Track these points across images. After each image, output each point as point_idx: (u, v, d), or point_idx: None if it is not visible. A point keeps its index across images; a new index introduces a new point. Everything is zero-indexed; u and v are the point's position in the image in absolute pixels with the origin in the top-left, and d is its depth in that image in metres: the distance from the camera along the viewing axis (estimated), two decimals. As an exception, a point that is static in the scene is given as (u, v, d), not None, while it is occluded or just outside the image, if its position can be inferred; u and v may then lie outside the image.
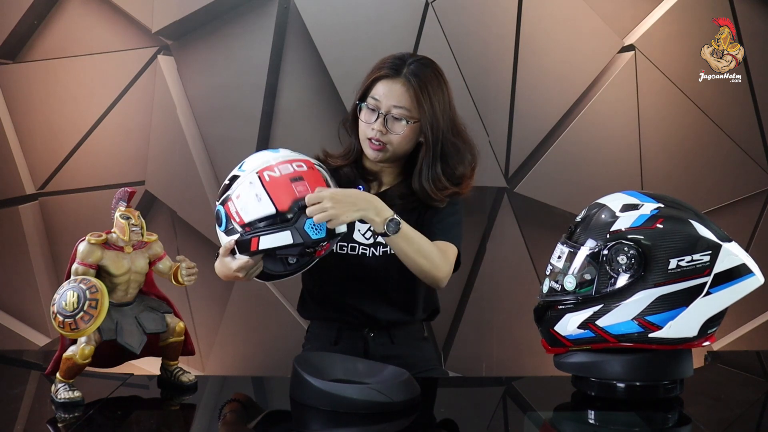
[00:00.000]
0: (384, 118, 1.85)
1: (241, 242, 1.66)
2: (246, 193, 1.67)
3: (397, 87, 1.86)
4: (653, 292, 1.53)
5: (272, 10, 2.91)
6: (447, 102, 1.90)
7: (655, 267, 1.52)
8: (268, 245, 1.63)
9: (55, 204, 2.99)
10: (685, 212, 1.58)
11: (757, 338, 3.13)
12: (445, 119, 1.88)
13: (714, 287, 1.53)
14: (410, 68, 1.87)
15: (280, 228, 1.63)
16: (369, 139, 1.87)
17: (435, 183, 1.88)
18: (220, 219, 1.71)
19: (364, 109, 1.89)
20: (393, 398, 1.49)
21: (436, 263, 1.79)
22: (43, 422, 1.48)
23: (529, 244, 3.02)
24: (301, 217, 1.63)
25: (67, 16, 2.92)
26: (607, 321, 1.56)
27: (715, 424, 1.56)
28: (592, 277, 1.57)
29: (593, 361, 1.60)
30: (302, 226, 1.62)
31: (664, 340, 1.54)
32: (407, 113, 1.85)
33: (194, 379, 1.68)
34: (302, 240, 1.62)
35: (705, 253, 1.53)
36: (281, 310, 2.97)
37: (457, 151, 1.90)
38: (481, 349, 3.04)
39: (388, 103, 1.85)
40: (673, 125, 3.04)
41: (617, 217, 1.58)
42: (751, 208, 3.13)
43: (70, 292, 1.49)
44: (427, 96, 1.85)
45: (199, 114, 2.95)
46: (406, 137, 1.87)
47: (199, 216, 2.95)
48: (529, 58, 2.96)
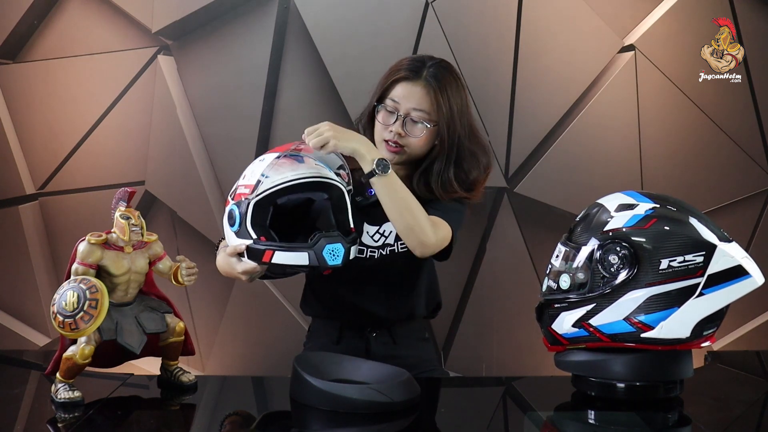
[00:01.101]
0: (403, 121, 1.84)
1: (253, 251, 1.63)
2: (250, 168, 1.68)
3: (417, 89, 1.84)
4: (644, 292, 1.53)
5: (272, 10, 2.91)
6: (465, 106, 1.88)
7: (647, 267, 1.52)
8: (282, 261, 1.61)
9: (55, 204, 2.99)
10: (682, 213, 1.57)
11: (757, 338, 3.13)
12: (463, 123, 1.87)
13: (707, 288, 1.52)
14: (430, 71, 1.85)
15: (299, 248, 1.61)
16: (386, 141, 1.86)
17: (444, 186, 1.87)
18: (233, 218, 1.65)
19: (382, 111, 1.87)
20: (393, 398, 1.49)
21: (422, 224, 1.73)
22: (43, 422, 1.48)
23: (529, 244, 3.03)
24: (320, 241, 1.61)
25: (67, 16, 2.92)
26: (600, 320, 1.56)
27: (715, 424, 1.56)
28: (586, 276, 1.57)
29: (593, 361, 1.60)
30: (320, 251, 1.60)
31: (657, 340, 1.54)
32: (426, 116, 1.84)
33: (194, 379, 1.68)
34: (318, 264, 1.61)
35: (698, 254, 1.52)
36: (281, 310, 2.97)
37: (472, 156, 1.89)
38: (481, 349, 3.04)
39: (408, 105, 1.84)
40: (673, 125, 3.04)
41: (612, 216, 1.58)
42: (751, 208, 3.12)
43: (70, 292, 1.49)
44: (446, 99, 1.84)
45: (199, 114, 2.95)
46: (424, 140, 1.86)
47: (199, 216, 2.95)
48: (529, 58, 2.96)
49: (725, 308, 1.57)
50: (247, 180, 1.65)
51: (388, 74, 1.89)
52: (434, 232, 1.77)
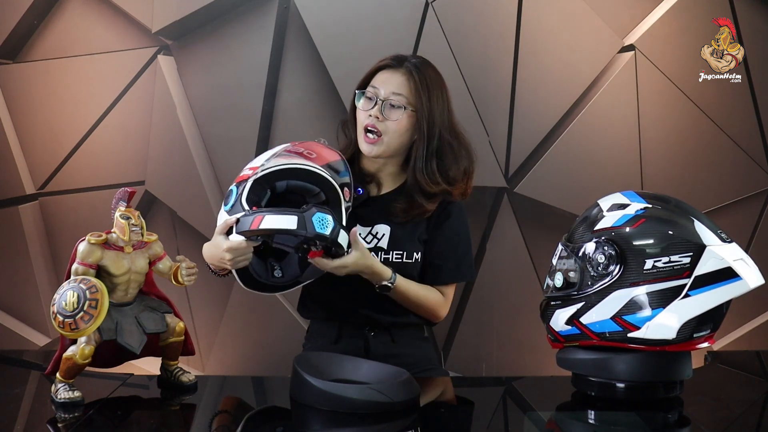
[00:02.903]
0: (381, 105, 1.86)
1: (243, 221, 1.62)
2: (260, 155, 1.73)
3: (397, 76, 1.89)
4: (629, 291, 1.53)
5: (272, 10, 2.91)
6: (445, 102, 1.91)
7: (632, 266, 1.53)
8: (271, 225, 1.60)
9: (55, 204, 2.99)
10: (676, 214, 1.56)
11: (757, 338, 3.13)
12: (443, 117, 1.89)
13: (694, 289, 1.51)
14: (412, 62, 1.91)
15: (288, 212, 1.61)
16: (365, 131, 1.88)
17: (430, 176, 1.89)
18: (229, 198, 1.67)
19: (362, 98, 1.90)
20: (393, 398, 1.49)
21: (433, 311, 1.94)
22: (43, 422, 1.48)
23: (529, 244, 3.02)
24: (312, 209, 1.62)
25: (67, 16, 2.92)
26: (589, 318, 1.57)
27: (715, 424, 1.56)
28: (577, 275, 1.59)
29: (593, 360, 1.60)
30: (310, 217, 1.61)
31: (643, 340, 1.54)
32: (405, 101, 1.87)
33: (194, 379, 1.68)
34: (305, 229, 1.60)
35: (685, 255, 1.51)
36: (281, 310, 2.97)
37: (452, 151, 1.91)
38: (481, 349, 3.04)
39: (388, 89, 1.87)
40: (673, 125, 3.04)
41: (604, 216, 1.60)
42: (751, 208, 3.12)
43: (70, 292, 1.49)
44: (426, 89, 1.87)
45: (199, 114, 2.95)
46: (402, 126, 1.87)
47: (199, 216, 2.95)
48: (529, 58, 2.96)
49: (723, 310, 1.55)
50: (253, 163, 1.70)
51: (371, 68, 1.94)
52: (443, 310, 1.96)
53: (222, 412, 1.58)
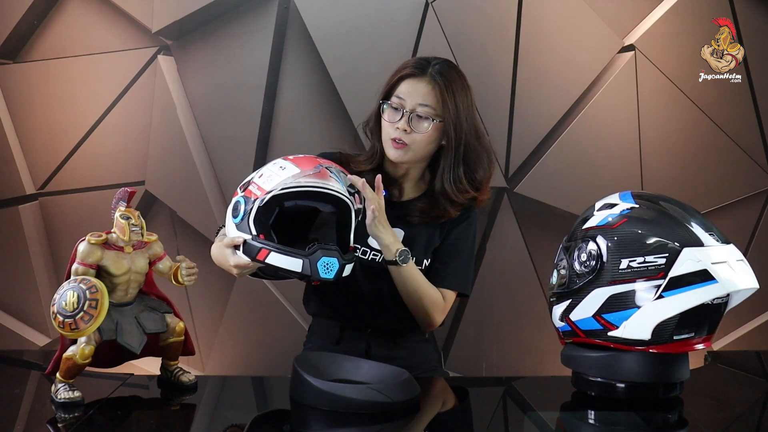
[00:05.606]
0: (408, 117, 1.84)
1: (249, 247, 1.63)
2: (270, 168, 1.68)
3: (422, 85, 1.85)
4: (606, 290, 1.55)
5: (272, 10, 2.91)
6: (470, 105, 1.89)
7: (609, 266, 1.54)
8: (275, 263, 1.62)
9: (55, 204, 2.99)
10: (660, 214, 1.55)
11: (757, 338, 3.13)
12: (469, 121, 1.88)
13: (668, 291, 1.50)
14: (435, 68, 1.86)
15: (294, 254, 1.61)
16: (392, 139, 1.86)
17: (456, 184, 1.88)
18: (238, 210, 1.66)
19: (388, 109, 1.87)
20: (393, 398, 1.49)
21: (428, 311, 1.89)
22: (43, 422, 1.48)
23: (529, 244, 3.03)
24: (317, 252, 1.61)
25: (67, 16, 2.92)
26: (576, 316, 1.59)
27: (715, 424, 1.56)
28: (566, 273, 1.62)
29: (593, 359, 1.60)
30: (315, 261, 1.61)
31: (621, 339, 1.54)
32: (432, 112, 1.85)
33: (194, 379, 1.68)
34: (309, 274, 1.61)
35: (659, 256, 1.51)
36: (281, 310, 2.97)
37: (478, 156, 1.90)
38: (481, 349, 3.04)
39: (413, 101, 1.85)
40: (673, 125, 3.04)
41: (593, 215, 1.62)
42: (751, 208, 3.13)
43: (70, 292, 1.49)
44: (452, 95, 1.85)
45: (199, 114, 2.95)
46: (430, 137, 1.86)
47: (199, 216, 2.95)
48: (529, 58, 2.96)
49: (714, 313, 1.53)
50: (263, 182, 1.65)
51: (393, 73, 1.90)
52: (440, 315, 1.91)
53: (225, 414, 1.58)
